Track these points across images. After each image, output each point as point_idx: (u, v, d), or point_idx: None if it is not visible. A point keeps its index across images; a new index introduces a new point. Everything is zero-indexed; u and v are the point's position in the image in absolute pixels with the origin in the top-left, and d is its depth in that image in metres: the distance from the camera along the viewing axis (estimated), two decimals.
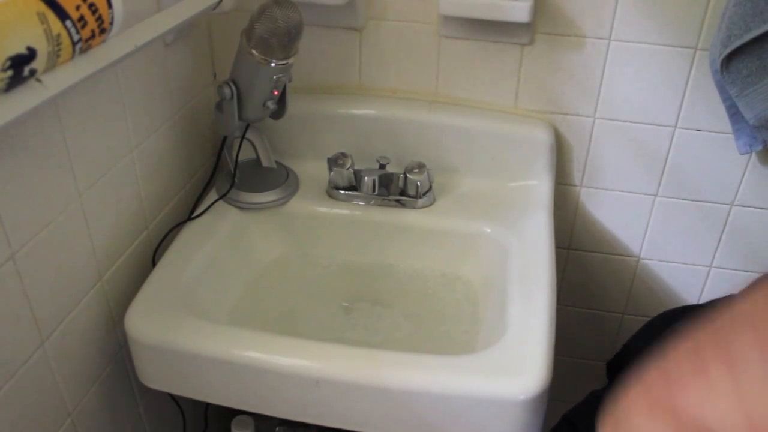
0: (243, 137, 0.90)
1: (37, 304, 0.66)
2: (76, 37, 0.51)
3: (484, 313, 0.85)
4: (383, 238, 0.93)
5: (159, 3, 0.78)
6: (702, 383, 0.38)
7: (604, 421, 0.46)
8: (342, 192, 0.93)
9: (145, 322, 0.73)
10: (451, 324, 0.85)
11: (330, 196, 0.94)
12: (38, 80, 0.51)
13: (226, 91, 0.82)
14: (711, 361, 0.38)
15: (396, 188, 0.93)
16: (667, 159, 0.97)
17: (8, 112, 0.49)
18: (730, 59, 0.79)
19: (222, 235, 0.87)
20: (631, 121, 0.95)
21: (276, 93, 0.83)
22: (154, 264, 0.84)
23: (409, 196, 0.92)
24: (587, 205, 1.04)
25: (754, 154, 0.94)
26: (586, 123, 0.97)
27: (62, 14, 0.49)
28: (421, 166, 0.91)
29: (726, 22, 0.77)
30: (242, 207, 0.91)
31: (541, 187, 0.94)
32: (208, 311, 0.79)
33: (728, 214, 1.00)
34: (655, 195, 1.01)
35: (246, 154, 0.92)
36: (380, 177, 0.92)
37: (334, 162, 0.92)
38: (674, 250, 1.05)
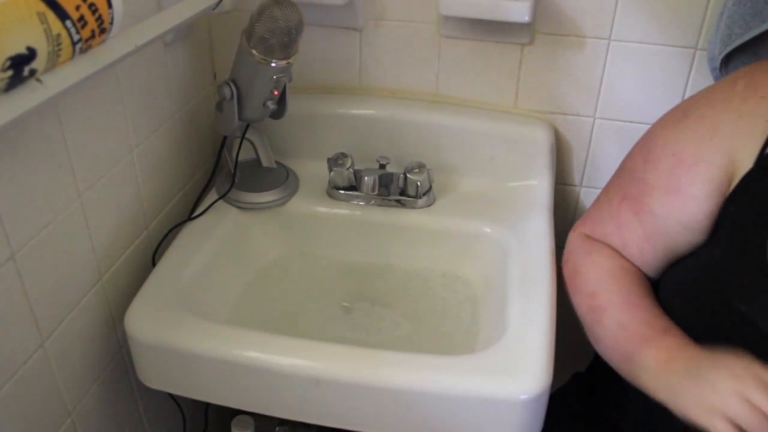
0: (243, 137, 0.90)
1: (37, 304, 0.66)
2: (76, 37, 0.51)
3: (484, 313, 0.85)
4: (383, 238, 0.93)
5: (159, 3, 0.78)
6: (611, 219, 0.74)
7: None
8: (342, 192, 0.93)
9: (145, 322, 0.73)
10: (451, 324, 0.85)
11: (330, 196, 0.94)
12: (38, 80, 0.51)
13: (226, 91, 0.82)
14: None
15: (396, 188, 0.93)
16: None
17: (8, 112, 0.49)
18: (728, 58, 0.79)
19: (222, 235, 0.87)
20: (631, 121, 0.95)
21: (276, 93, 0.83)
22: (154, 264, 0.84)
23: (409, 196, 0.92)
24: (587, 205, 1.04)
25: None
26: (586, 123, 0.97)
27: (62, 14, 0.49)
28: (421, 166, 0.91)
29: (725, 21, 0.77)
30: (242, 207, 0.91)
31: (541, 187, 0.94)
32: (208, 311, 0.79)
33: None
34: None
35: (246, 154, 0.92)
36: (380, 177, 0.92)
37: (334, 162, 0.92)
38: None
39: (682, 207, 0.66)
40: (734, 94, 0.66)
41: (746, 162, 0.63)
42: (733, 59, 0.79)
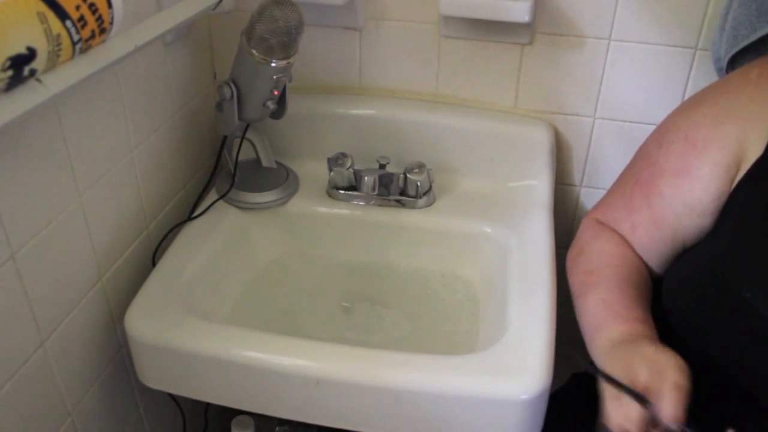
0: (243, 137, 0.90)
1: (37, 304, 0.66)
2: (76, 37, 0.51)
3: (484, 313, 0.85)
4: (383, 238, 0.93)
5: (159, 3, 0.78)
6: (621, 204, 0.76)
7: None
8: (342, 192, 0.93)
9: (145, 322, 0.73)
10: (451, 324, 0.85)
11: (330, 196, 0.94)
12: (38, 80, 0.51)
13: (226, 91, 0.82)
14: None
15: (396, 188, 0.93)
16: None
17: (8, 112, 0.49)
18: (733, 58, 0.80)
19: (222, 235, 0.87)
20: (631, 121, 0.95)
21: (276, 93, 0.83)
22: (154, 264, 0.84)
23: (409, 196, 0.92)
24: (587, 205, 1.04)
25: None
26: (586, 123, 0.97)
27: (62, 14, 0.49)
28: (421, 166, 0.91)
29: (731, 22, 0.78)
30: (242, 207, 0.91)
31: (541, 187, 0.94)
32: (208, 311, 0.79)
33: None
34: None
35: (246, 154, 0.92)
36: (380, 177, 0.92)
37: (334, 162, 0.92)
38: None
39: (689, 188, 0.67)
40: (748, 81, 0.67)
41: (756, 148, 0.63)
42: (739, 59, 0.79)
